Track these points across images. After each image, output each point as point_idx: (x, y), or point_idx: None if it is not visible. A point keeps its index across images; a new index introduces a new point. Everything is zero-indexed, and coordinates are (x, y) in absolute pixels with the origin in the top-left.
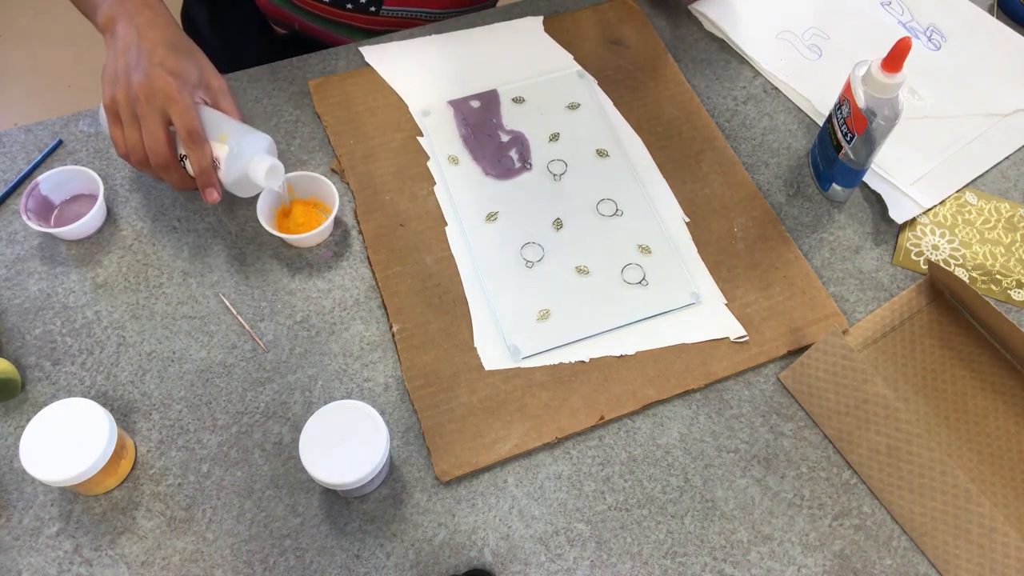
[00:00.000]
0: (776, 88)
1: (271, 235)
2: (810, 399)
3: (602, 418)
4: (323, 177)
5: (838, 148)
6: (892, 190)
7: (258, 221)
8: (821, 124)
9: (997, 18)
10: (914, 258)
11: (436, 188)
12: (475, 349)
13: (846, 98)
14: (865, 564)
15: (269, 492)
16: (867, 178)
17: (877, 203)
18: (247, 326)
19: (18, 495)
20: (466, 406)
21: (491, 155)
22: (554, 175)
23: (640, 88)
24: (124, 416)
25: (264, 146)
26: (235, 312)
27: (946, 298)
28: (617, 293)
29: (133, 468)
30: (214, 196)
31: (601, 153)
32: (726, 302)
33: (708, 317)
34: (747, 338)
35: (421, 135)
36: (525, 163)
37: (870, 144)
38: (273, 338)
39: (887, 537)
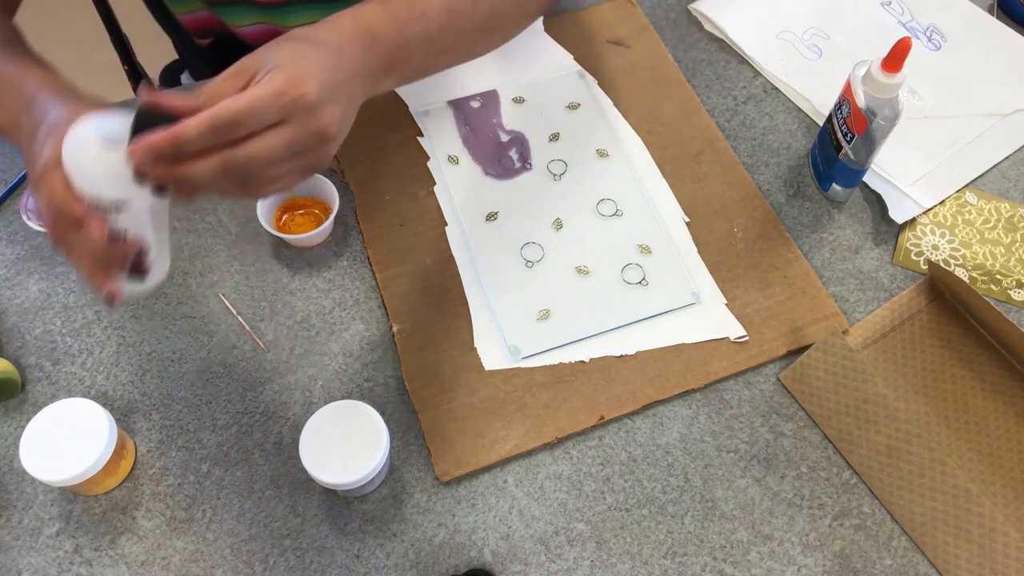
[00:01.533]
0: (776, 88)
1: (271, 235)
2: (810, 399)
3: (602, 418)
4: (323, 177)
5: (838, 148)
6: (892, 190)
7: (258, 221)
8: (821, 124)
9: (997, 18)
10: (914, 258)
11: (436, 188)
12: (475, 349)
13: (846, 98)
14: (865, 564)
15: (269, 492)
16: (867, 178)
17: (877, 203)
18: (247, 326)
19: (18, 495)
20: (466, 406)
21: (491, 155)
22: (554, 175)
23: (640, 88)
24: (124, 416)
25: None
26: (235, 312)
27: (946, 298)
28: (617, 293)
29: (133, 468)
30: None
31: (601, 153)
32: (726, 302)
33: (708, 317)
34: (747, 338)
35: (421, 135)
36: (525, 163)
37: (870, 144)
38: (273, 338)
39: (887, 537)
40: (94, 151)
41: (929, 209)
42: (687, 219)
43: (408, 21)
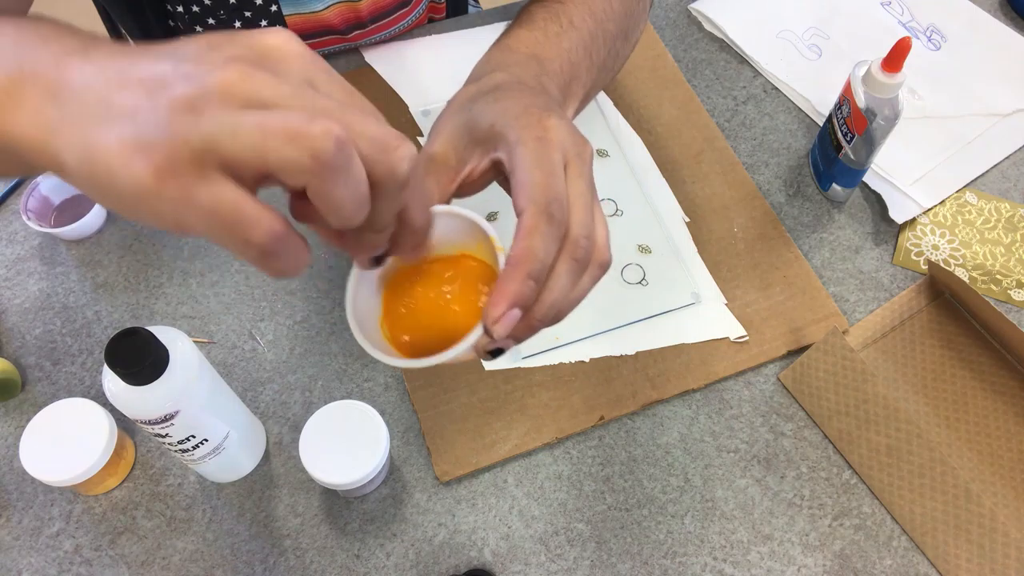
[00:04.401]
0: (776, 88)
1: None
2: (810, 399)
3: (602, 418)
4: (461, 212)
5: (838, 148)
6: (892, 190)
7: None
8: (821, 124)
9: (1003, 15)
10: (914, 258)
11: None
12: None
13: (846, 98)
14: (865, 564)
15: (269, 492)
16: (867, 178)
17: (877, 203)
18: (247, 326)
19: (18, 495)
20: (466, 406)
21: None
22: None
23: (640, 88)
24: (124, 416)
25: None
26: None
27: (946, 298)
28: (617, 293)
29: (133, 468)
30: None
31: (601, 153)
32: (726, 302)
33: (708, 317)
34: (747, 338)
35: (421, 135)
36: None
37: (870, 144)
38: (273, 338)
39: (887, 537)
40: None
41: (929, 209)
42: (687, 219)
43: (559, 33)
